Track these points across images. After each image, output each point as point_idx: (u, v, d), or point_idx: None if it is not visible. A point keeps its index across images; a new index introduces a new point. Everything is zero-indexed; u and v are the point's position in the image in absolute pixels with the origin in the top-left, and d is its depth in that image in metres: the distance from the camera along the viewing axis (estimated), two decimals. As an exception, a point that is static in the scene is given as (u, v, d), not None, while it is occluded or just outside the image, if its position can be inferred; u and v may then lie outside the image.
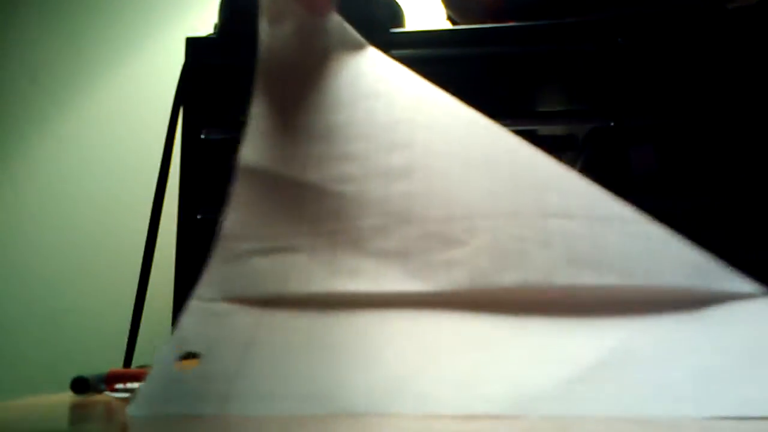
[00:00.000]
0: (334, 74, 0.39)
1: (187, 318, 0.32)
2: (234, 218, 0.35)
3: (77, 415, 0.33)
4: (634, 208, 0.34)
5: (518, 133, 0.46)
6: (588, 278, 0.30)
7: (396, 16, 0.58)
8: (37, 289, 0.85)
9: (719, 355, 0.27)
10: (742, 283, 0.31)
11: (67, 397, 0.38)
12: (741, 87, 0.53)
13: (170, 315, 0.53)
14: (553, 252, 0.31)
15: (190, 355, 0.30)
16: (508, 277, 0.31)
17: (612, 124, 0.52)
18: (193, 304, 0.32)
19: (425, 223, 0.33)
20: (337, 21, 0.41)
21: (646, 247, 0.32)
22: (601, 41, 0.53)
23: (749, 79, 0.53)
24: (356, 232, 0.34)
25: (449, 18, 0.65)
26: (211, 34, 0.58)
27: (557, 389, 0.26)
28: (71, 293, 0.84)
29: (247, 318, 0.31)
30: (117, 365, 0.51)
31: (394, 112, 0.37)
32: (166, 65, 0.89)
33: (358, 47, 0.41)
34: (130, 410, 0.28)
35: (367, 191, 0.35)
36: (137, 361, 0.55)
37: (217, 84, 0.58)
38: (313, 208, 0.35)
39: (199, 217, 0.55)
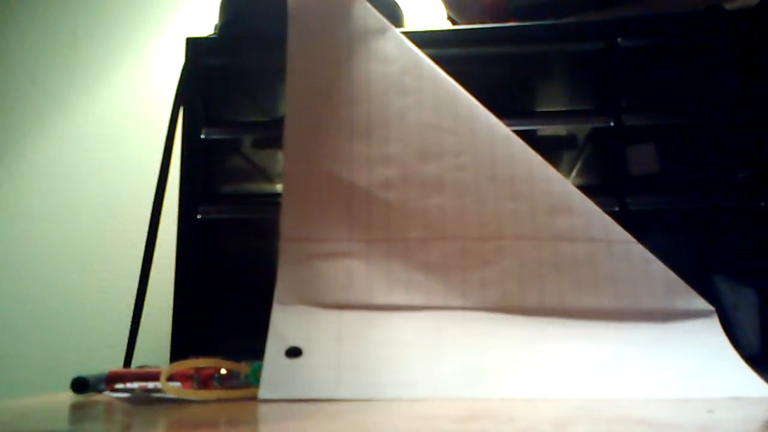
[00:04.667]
0: (363, 62, 0.41)
1: (277, 319, 0.37)
2: (291, 217, 0.38)
3: (77, 415, 0.33)
4: (622, 225, 0.40)
5: (518, 133, 0.46)
6: (588, 301, 0.37)
7: (396, 16, 0.58)
8: (37, 289, 0.85)
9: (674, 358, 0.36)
10: (699, 301, 0.38)
11: (67, 397, 0.38)
12: (741, 87, 0.53)
13: (170, 315, 0.54)
14: (563, 277, 0.37)
15: (293, 350, 0.35)
16: (530, 299, 0.37)
17: (612, 124, 0.52)
18: (278, 308, 0.37)
19: (461, 240, 0.38)
20: (361, 4, 0.42)
21: (632, 269, 0.38)
22: (601, 41, 0.53)
23: (749, 79, 0.53)
24: (403, 244, 0.38)
25: (449, 18, 0.65)
26: (211, 34, 0.58)
27: (586, 379, 0.33)
28: (71, 293, 0.84)
29: (329, 317, 0.36)
30: (117, 365, 0.51)
31: (422, 115, 0.40)
32: (166, 65, 0.89)
33: (382, 31, 0.42)
34: (261, 394, 0.33)
35: (408, 201, 0.38)
36: (137, 361, 0.55)
37: (217, 84, 0.58)
38: (363, 213, 0.38)
39: (199, 217, 0.55)
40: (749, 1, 0.53)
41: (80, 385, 0.39)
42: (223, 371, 0.36)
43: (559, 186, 0.40)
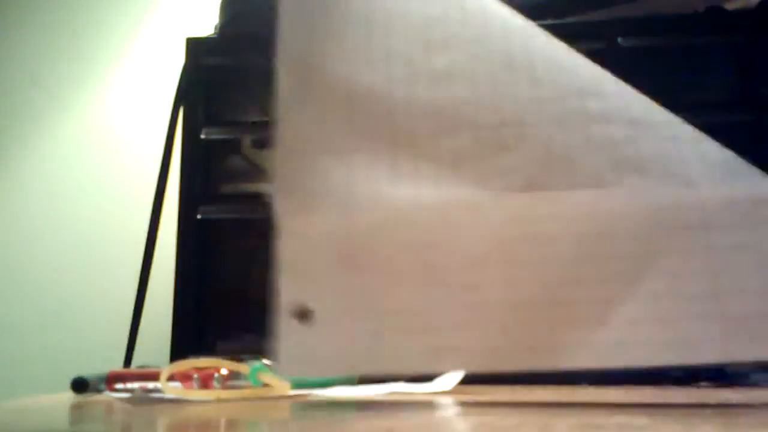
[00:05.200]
0: None
1: (287, 252, 0.30)
2: (288, 118, 0.34)
3: (77, 415, 0.33)
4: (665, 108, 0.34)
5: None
6: (632, 181, 0.31)
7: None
8: (37, 289, 0.85)
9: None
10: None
11: (67, 397, 0.38)
12: (741, 87, 0.53)
13: (170, 315, 0.54)
14: (598, 158, 0.32)
15: (304, 312, 0.29)
16: (559, 183, 0.31)
17: (612, 124, 0.52)
18: (287, 226, 0.31)
19: (476, 129, 0.33)
20: None
21: (682, 148, 0.33)
22: (601, 41, 0.53)
23: (749, 79, 0.53)
24: (409, 138, 0.33)
25: (449, 18, 0.65)
26: (211, 34, 0.58)
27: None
28: (71, 293, 0.84)
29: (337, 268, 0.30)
30: (117, 365, 0.51)
31: (426, 6, 0.36)
32: (167, 65, 0.89)
33: None
34: (277, 372, 0.28)
35: (414, 95, 0.34)
36: (137, 361, 0.55)
37: (217, 84, 0.58)
38: (364, 110, 0.34)
39: (199, 217, 0.55)
40: (749, 1, 0.53)
41: (80, 385, 0.39)
42: (223, 371, 0.36)
43: (587, 70, 0.35)
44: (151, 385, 0.38)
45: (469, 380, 0.40)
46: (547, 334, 0.29)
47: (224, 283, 0.57)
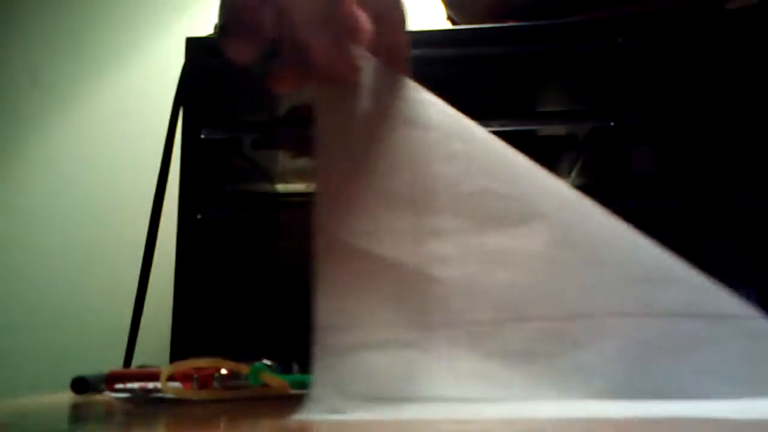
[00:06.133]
0: (401, 131, 0.34)
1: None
2: (328, 304, 0.31)
3: (77, 415, 0.33)
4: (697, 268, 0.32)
5: (518, 133, 0.46)
6: (722, 392, 0.28)
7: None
8: (38, 289, 0.85)
9: None
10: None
11: (67, 397, 0.38)
12: (741, 87, 0.53)
13: (170, 315, 0.54)
14: (681, 362, 0.29)
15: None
16: (643, 389, 0.29)
17: (612, 124, 0.52)
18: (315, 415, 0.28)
19: (543, 320, 0.30)
20: (388, 77, 0.35)
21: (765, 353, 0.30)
22: (601, 41, 0.53)
23: (749, 79, 0.53)
24: (470, 328, 0.31)
25: (449, 18, 0.65)
26: (211, 34, 0.58)
27: None
28: (71, 293, 0.84)
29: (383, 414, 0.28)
30: (117, 365, 0.51)
31: (475, 180, 0.34)
32: (166, 65, 0.89)
33: (420, 99, 0.35)
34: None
35: (469, 278, 0.32)
36: (137, 361, 0.55)
37: (217, 84, 0.58)
38: (416, 294, 0.31)
39: (199, 217, 0.55)
40: (749, 1, 0.53)
41: (80, 385, 0.39)
42: (223, 371, 0.36)
43: (652, 252, 0.32)
44: (151, 385, 0.38)
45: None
46: None
47: (224, 283, 0.57)
